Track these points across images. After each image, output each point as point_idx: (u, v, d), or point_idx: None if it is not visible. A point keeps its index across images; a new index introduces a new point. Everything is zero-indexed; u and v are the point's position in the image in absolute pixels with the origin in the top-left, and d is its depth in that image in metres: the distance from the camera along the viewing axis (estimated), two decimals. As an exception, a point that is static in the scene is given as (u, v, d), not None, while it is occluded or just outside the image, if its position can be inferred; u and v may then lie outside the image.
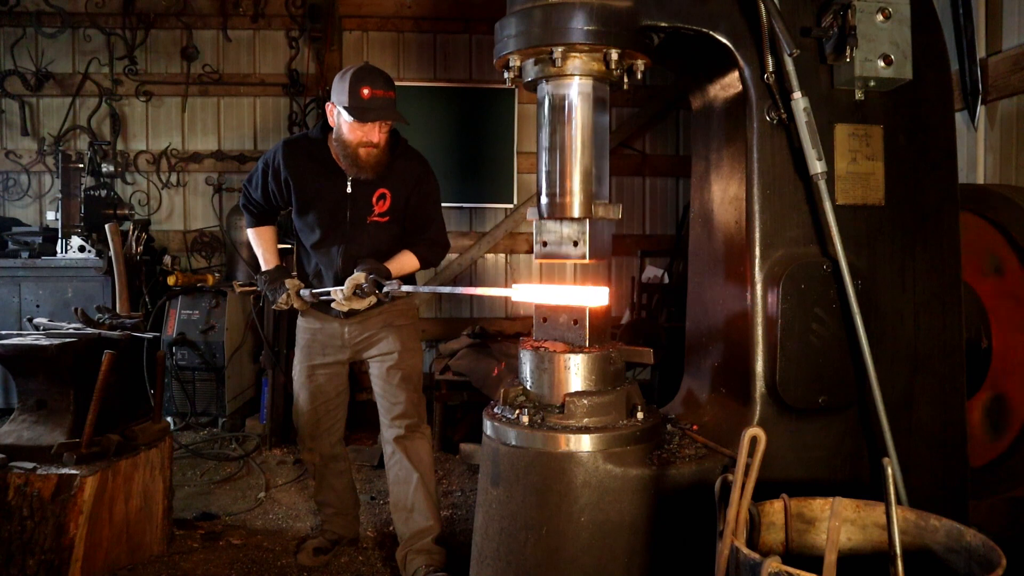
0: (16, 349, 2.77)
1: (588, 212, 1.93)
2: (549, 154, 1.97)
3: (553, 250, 1.99)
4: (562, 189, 1.94)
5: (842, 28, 1.91)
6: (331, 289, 2.69)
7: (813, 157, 1.88)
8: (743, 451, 1.44)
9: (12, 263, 4.84)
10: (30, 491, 2.58)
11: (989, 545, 1.42)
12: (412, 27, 5.71)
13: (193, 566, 2.96)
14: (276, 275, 2.88)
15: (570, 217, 1.94)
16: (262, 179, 2.85)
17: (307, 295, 2.81)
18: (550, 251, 1.99)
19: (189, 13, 5.61)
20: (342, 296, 2.62)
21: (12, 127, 5.62)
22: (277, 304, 2.85)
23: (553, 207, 1.96)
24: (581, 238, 1.93)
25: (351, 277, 2.62)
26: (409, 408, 2.87)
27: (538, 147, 2.03)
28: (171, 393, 4.82)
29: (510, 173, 5.73)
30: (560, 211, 1.95)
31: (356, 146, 2.64)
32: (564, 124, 1.94)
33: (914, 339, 2.06)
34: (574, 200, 1.93)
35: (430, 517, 2.83)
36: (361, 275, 2.61)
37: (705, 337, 2.28)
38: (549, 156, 1.97)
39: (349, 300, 2.63)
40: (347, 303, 2.63)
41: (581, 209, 1.93)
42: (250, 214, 2.98)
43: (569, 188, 1.94)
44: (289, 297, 2.82)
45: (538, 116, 2.02)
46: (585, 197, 1.93)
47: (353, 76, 2.59)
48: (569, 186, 1.94)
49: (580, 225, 1.94)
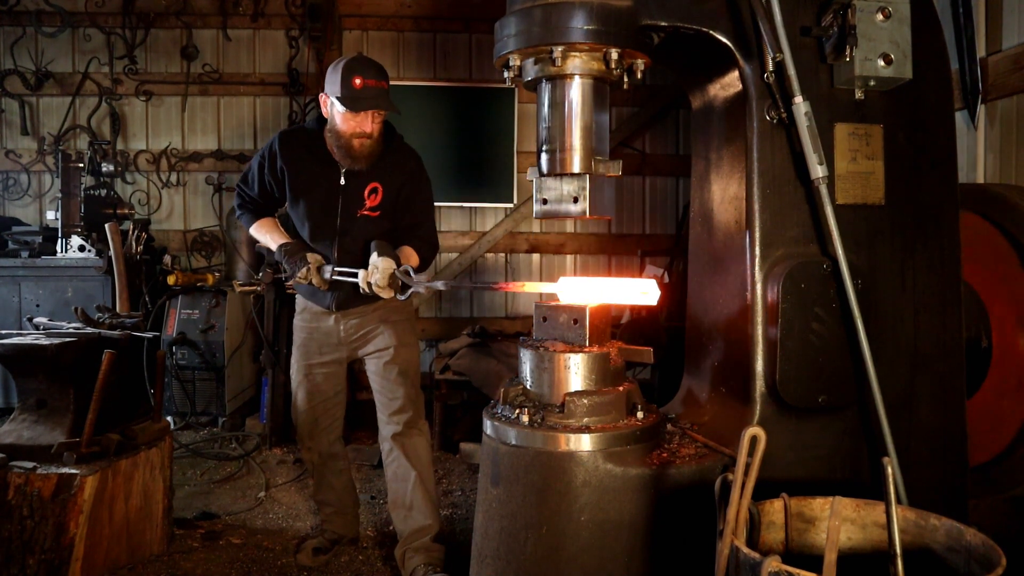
0: (16, 348, 2.77)
1: (588, 167, 1.91)
2: (549, 110, 1.95)
3: (553, 208, 1.96)
4: (562, 144, 1.92)
5: (842, 27, 1.91)
6: (359, 271, 2.57)
7: (814, 161, 1.88)
8: (743, 450, 1.44)
9: (12, 263, 4.84)
10: (30, 490, 2.58)
11: (989, 544, 1.42)
12: (412, 26, 5.71)
13: (193, 565, 2.96)
14: (296, 248, 2.75)
15: (570, 173, 1.92)
16: (259, 173, 2.83)
17: (328, 274, 2.67)
18: (550, 208, 1.97)
19: (189, 12, 5.60)
20: (378, 281, 2.49)
21: (12, 126, 5.62)
22: (295, 278, 2.70)
23: (553, 163, 1.94)
24: (581, 194, 1.91)
25: (383, 265, 2.50)
26: (407, 403, 2.86)
27: (538, 105, 1.99)
28: (171, 393, 4.82)
29: (510, 173, 5.73)
30: (560, 167, 1.93)
31: (349, 136, 2.64)
32: (564, 87, 1.93)
33: (914, 339, 2.06)
34: (574, 155, 1.91)
35: (429, 515, 2.83)
36: (394, 263, 2.52)
37: (705, 336, 2.28)
38: (549, 112, 1.95)
39: (382, 289, 2.50)
40: (378, 291, 2.51)
41: (581, 164, 1.91)
42: (247, 211, 2.92)
43: (569, 144, 1.92)
44: (309, 272, 2.69)
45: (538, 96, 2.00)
46: (585, 152, 1.91)
47: (345, 66, 2.60)
48: (569, 141, 1.92)
49: (580, 181, 1.92)
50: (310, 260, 2.71)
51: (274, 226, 2.91)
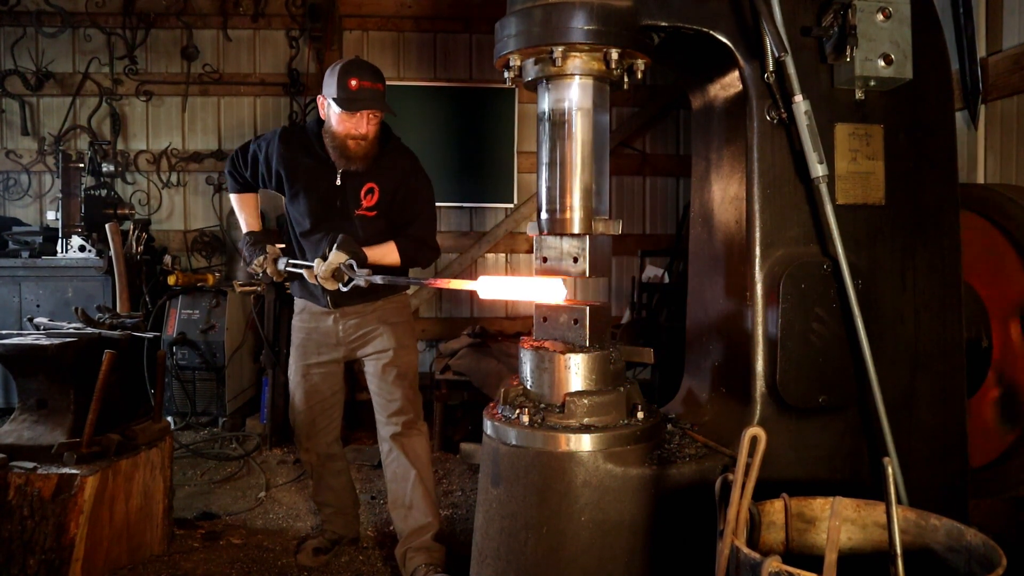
0: (16, 349, 2.78)
1: (588, 228, 1.94)
2: (549, 170, 1.98)
3: (553, 266, 2.00)
4: (562, 205, 1.95)
5: (842, 27, 1.91)
6: (307, 264, 2.68)
7: (814, 160, 1.88)
8: (743, 450, 1.44)
9: (12, 263, 4.84)
10: (30, 491, 2.58)
11: (990, 545, 1.42)
12: (412, 27, 5.71)
13: (193, 566, 2.97)
14: (259, 237, 2.88)
15: (570, 233, 1.95)
16: (252, 160, 2.88)
17: (283, 265, 2.79)
18: (550, 267, 2.01)
19: (189, 13, 5.61)
20: (320, 273, 2.60)
21: (12, 127, 5.62)
22: (252, 266, 2.82)
23: (553, 223, 1.97)
24: (581, 254, 1.94)
25: (332, 257, 2.58)
26: (406, 405, 2.87)
27: (538, 162, 2.03)
28: (171, 393, 4.82)
29: (510, 173, 5.73)
30: (560, 227, 1.96)
31: (345, 137, 2.67)
32: (564, 140, 1.94)
33: (914, 339, 2.05)
34: (574, 216, 1.94)
35: (429, 514, 2.83)
36: (343, 257, 2.57)
37: (705, 337, 2.28)
38: (549, 172, 1.98)
39: (325, 280, 2.61)
40: (323, 281, 2.62)
41: (581, 225, 1.94)
42: (234, 180, 2.98)
43: (569, 204, 1.95)
44: (265, 260, 2.80)
45: (538, 130, 2.02)
46: (585, 213, 1.94)
47: (342, 68, 2.64)
48: (569, 202, 1.95)
49: (580, 241, 1.95)
50: (268, 251, 2.82)
51: (251, 207, 3.00)
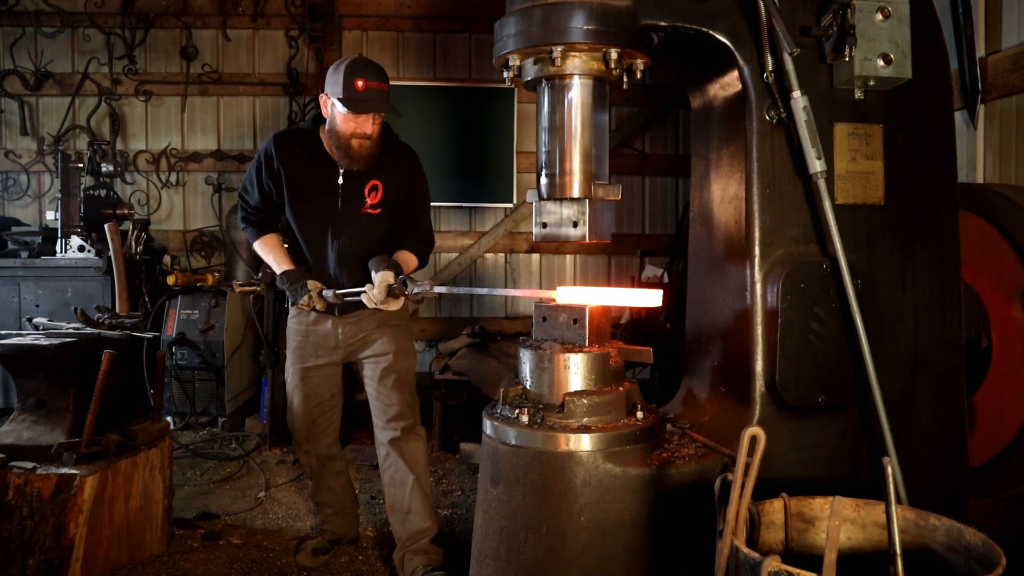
0: (16, 349, 2.77)
1: (588, 192, 1.92)
2: (549, 134, 1.95)
3: (552, 232, 1.97)
4: (561, 169, 1.93)
5: (841, 27, 1.91)
6: (360, 290, 2.62)
7: (813, 156, 1.88)
8: (743, 450, 1.44)
9: (12, 263, 4.84)
10: (30, 491, 2.58)
11: (989, 544, 1.42)
12: (412, 26, 5.72)
13: (193, 566, 2.96)
14: (296, 276, 2.79)
15: (569, 197, 1.93)
16: (256, 177, 2.83)
17: (330, 295, 2.71)
18: (549, 232, 1.98)
19: (189, 13, 5.61)
20: (376, 297, 2.55)
21: (12, 127, 5.62)
22: (299, 305, 2.75)
23: (552, 187, 1.94)
24: (581, 218, 1.92)
25: (380, 276, 2.55)
26: (404, 410, 2.86)
27: (537, 128, 2.00)
28: (171, 393, 4.82)
29: (510, 173, 5.73)
30: (559, 191, 1.93)
31: (349, 137, 2.65)
32: (564, 104, 1.93)
33: (914, 338, 2.05)
34: (573, 180, 1.92)
35: (427, 518, 2.83)
36: (391, 275, 2.55)
37: (705, 336, 2.28)
38: (549, 136, 1.95)
39: (385, 302, 2.56)
40: (382, 305, 2.57)
41: (581, 189, 1.92)
42: (251, 225, 2.93)
43: (568, 168, 1.92)
44: (311, 299, 2.72)
45: (538, 99, 2.00)
46: (585, 177, 1.92)
47: (347, 68, 2.60)
48: (568, 166, 1.92)
49: (580, 205, 1.92)
50: (310, 287, 2.74)
51: (278, 246, 2.92)
